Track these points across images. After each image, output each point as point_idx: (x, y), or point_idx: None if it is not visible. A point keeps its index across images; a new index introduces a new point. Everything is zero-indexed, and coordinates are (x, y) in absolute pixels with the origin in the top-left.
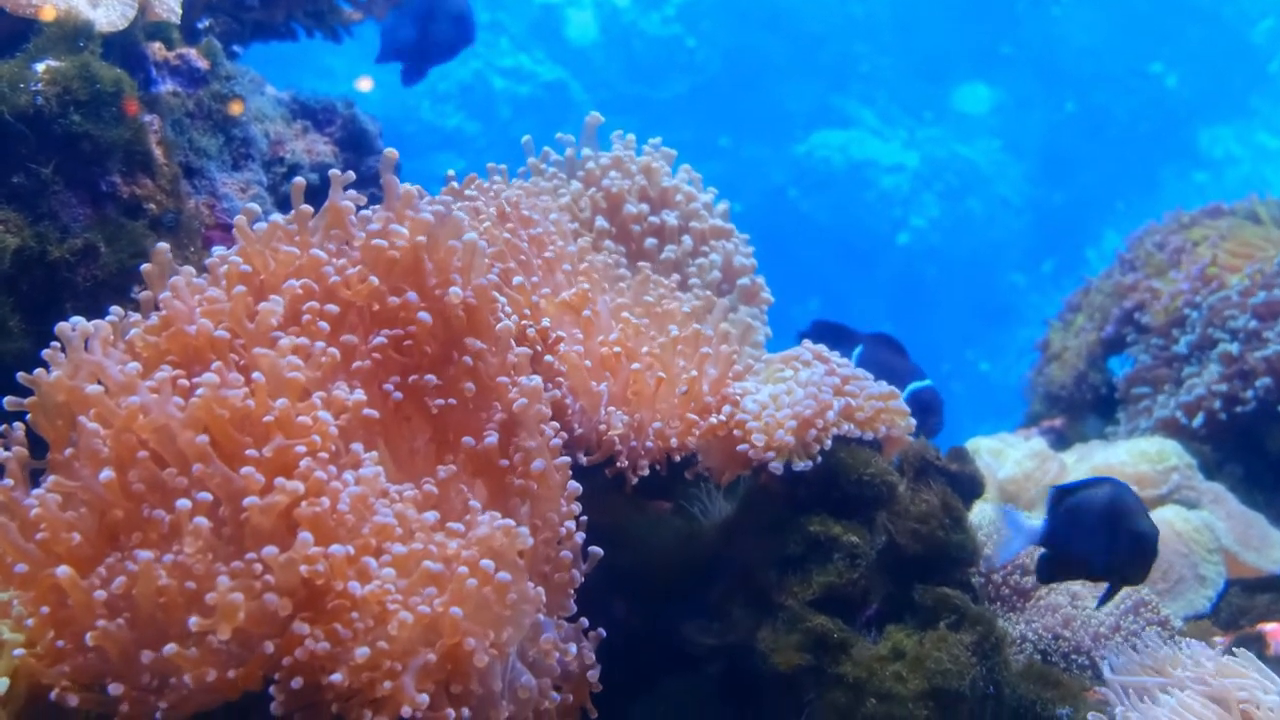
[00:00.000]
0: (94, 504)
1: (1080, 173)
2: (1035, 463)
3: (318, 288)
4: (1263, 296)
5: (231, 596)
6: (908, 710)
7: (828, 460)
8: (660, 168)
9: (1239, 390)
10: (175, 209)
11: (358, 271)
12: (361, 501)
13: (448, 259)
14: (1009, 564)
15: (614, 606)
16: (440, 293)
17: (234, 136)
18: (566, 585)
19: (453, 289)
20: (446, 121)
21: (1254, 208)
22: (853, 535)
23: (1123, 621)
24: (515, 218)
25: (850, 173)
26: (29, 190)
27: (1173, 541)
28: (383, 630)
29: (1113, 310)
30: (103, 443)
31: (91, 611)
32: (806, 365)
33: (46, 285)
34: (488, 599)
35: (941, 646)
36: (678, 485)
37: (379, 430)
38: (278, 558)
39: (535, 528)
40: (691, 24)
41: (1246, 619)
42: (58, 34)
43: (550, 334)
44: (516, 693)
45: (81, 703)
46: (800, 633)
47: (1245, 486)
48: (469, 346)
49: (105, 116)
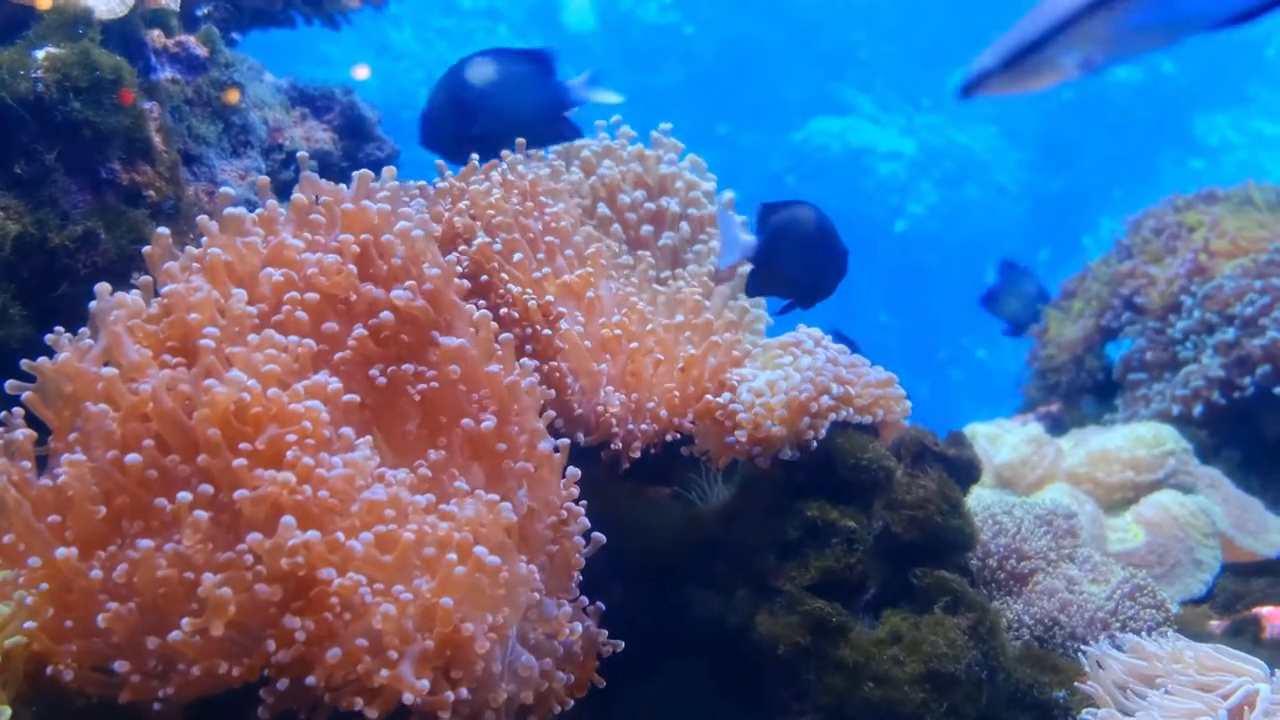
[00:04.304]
0: (104, 485)
1: (1077, 160)
2: (1032, 448)
3: (297, 277)
4: (1259, 284)
5: (219, 592)
6: (904, 693)
7: (825, 445)
8: (656, 155)
9: (1236, 377)
10: (175, 196)
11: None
12: (348, 484)
13: (388, 255)
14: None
15: (613, 590)
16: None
17: (233, 124)
18: (568, 567)
19: (395, 290)
20: None
21: (1249, 193)
22: (850, 520)
23: (1119, 606)
24: (533, 196)
25: (848, 160)
26: (29, 177)
27: (1169, 526)
28: (367, 621)
29: (1110, 298)
30: (113, 424)
31: (94, 596)
32: (808, 353)
33: (47, 272)
34: (480, 582)
35: (938, 630)
36: (676, 470)
37: (371, 418)
38: (263, 544)
39: (533, 510)
40: (689, 11)
41: (1243, 603)
42: (57, 21)
43: (552, 310)
44: (517, 673)
45: (83, 683)
46: (798, 616)
47: (1242, 471)
48: (440, 336)
49: (105, 103)
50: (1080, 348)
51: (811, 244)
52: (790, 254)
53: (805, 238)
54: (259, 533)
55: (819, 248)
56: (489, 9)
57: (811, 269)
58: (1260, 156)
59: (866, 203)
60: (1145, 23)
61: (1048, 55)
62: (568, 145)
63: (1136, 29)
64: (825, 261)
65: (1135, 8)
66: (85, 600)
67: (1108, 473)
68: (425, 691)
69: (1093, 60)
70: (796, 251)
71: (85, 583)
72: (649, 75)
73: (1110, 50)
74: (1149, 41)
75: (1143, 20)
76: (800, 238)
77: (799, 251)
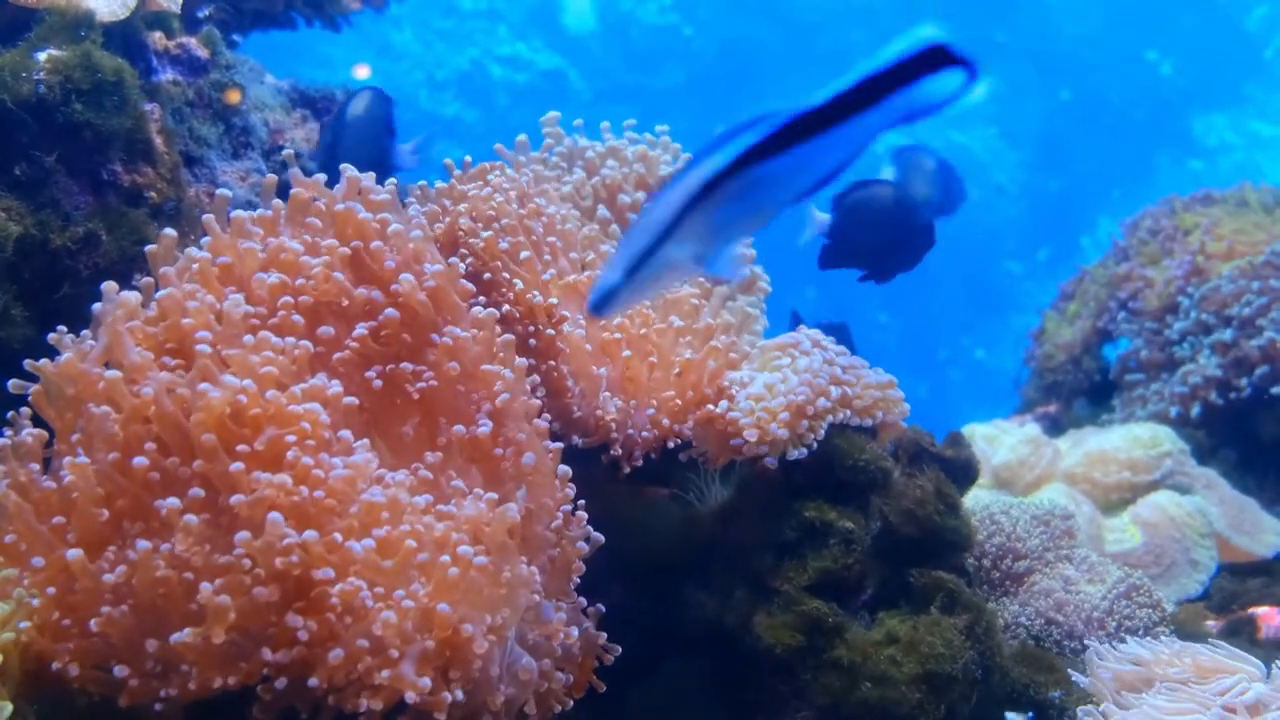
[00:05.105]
0: (106, 487)
1: (1076, 160)
2: (1030, 448)
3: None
4: (1256, 285)
5: (218, 600)
6: (901, 693)
7: (824, 446)
8: (659, 156)
9: (1234, 377)
10: (176, 197)
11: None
12: (348, 485)
13: (380, 258)
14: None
15: (612, 590)
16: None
17: (234, 125)
18: (567, 569)
19: (404, 275)
20: (445, 110)
21: (1245, 195)
22: (848, 521)
23: (1115, 606)
24: (532, 198)
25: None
26: (31, 178)
27: (1166, 526)
28: (367, 624)
29: (1107, 300)
30: (115, 425)
31: (98, 595)
32: (805, 354)
33: (48, 273)
34: (478, 582)
35: (935, 631)
36: (674, 471)
37: (369, 419)
38: (253, 542)
39: (531, 512)
40: (689, 12)
41: (1238, 603)
42: (59, 23)
43: (555, 311)
44: (516, 675)
45: (84, 682)
46: (796, 617)
47: (1239, 472)
48: (440, 335)
49: (107, 105)
50: (1078, 349)
51: (887, 220)
52: (865, 229)
53: (881, 214)
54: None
55: (896, 223)
56: (489, 10)
57: (887, 243)
58: (1258, 157)
59: None
60: (734, 215)
61: (662, 259)
62: (572, 147)
63: (729, 221)
64: (902, 236)
65: (719, 206)
66: (86, 601)
67: (1105, 473)
68: (427, 690)
69: (702, 255)
70: (871, 227)
71: (88, 583)
72: (649, 76)
73: (714, 242)
74: (747, 226)
75: (730, 213)
76: (875, 214)
77: (874, 227)
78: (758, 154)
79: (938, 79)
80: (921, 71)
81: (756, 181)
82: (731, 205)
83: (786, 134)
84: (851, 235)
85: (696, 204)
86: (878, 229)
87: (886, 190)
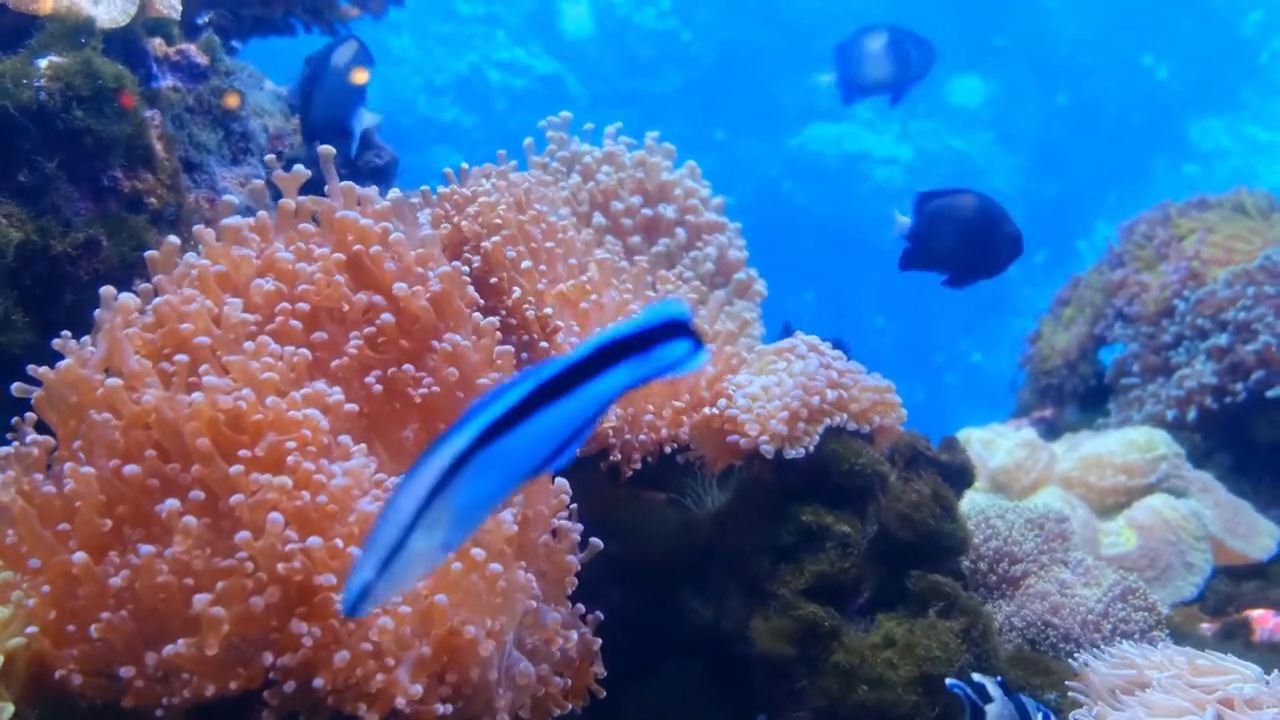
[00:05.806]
0: (108, 493)
1: (1072, 165)
2: (1026, 452)
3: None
4: (1251, 290)
5: (212, 611)
6: (898, 696)
7: (820, 450)
8: (658, 162)
9: (1229, 382)
10: (176, 203)
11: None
12: (347, 492)
13: (380, 262)
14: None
15: (610, 594)
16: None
17: (233, 131)
18: (563, 575)
19: (397, 284)
20: (443, 115)
21: (1241, 200)
22: (845, 525)
23: (1111, 609)
24: (528, 206)
25: (844, 165)
26: (32, 185)
27: (1161, 530)
28: (369, 629)
29: (1103, 305)
30: (116, 432)
31: (101, 600)
32: (801, 358)
33: (49, 278)
34: (476, 587)
35: (931, 634)
36: (672, 476)
37: (369, 424)
38: (254, 543)
39: (528, 519)
40: (686, 17)
41: (1233, 605)
42: (60, 30)
43: (550, 322)
44: (514, 680)
45: (87, 687)
46: (793, 620)
47: (1234, 475)
48: (440, 342)
49: (107, 112)
50: (1073, 354)
51: (971, 227)
52: (946, 235)
53: (963, 221)
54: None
55: (980, 231)
56: (488, 15)
57: (973, 250)
58: (1254, 162)
59: (862, 208)
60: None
61: (412, 551)
62: (572, 151)
63: (472, 506)
64: (986, 243)
65: (456, 495)
66: (89, 605)
67: (1100, 477)
68: (418, 697)
69: (451, 541)
70: (953, 234)
71: (92, 588)
72: (647, 81)
73: (462, 527)
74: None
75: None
76: (958, 221)
77: (955, 234)
78: (498, 428)
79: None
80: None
81: (499, 456)
82: (476, 484)
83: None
84: (932, 240)
85: (440, 491)
86: (961, 236)
87: (969, 199)
